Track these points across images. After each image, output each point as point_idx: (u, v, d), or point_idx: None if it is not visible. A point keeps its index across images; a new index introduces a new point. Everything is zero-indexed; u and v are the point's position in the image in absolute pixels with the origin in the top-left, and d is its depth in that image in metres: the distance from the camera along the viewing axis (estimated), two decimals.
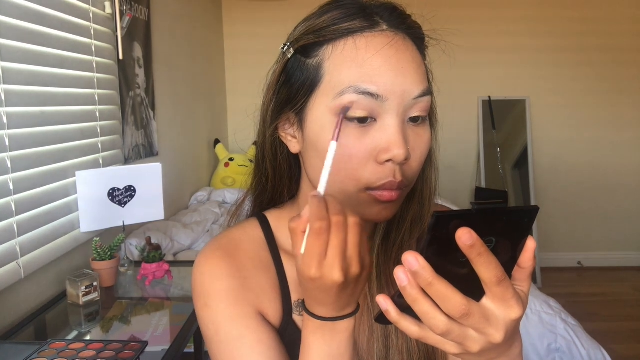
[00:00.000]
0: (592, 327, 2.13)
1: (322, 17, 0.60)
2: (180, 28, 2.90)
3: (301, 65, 0.61)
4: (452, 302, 0.42)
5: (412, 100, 0.57)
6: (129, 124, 2.09)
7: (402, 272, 0.43)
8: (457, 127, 3.84)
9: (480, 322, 0.43)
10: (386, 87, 0.56)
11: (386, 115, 0.57)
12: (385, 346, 0.65)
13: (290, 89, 0.62)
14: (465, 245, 0.40)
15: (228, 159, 3.34)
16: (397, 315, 0.46)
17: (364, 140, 0.57)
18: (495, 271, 0.41)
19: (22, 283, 1.38)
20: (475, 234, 0.40)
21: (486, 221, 0.41)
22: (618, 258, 3.96)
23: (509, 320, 0.44)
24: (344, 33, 0.58)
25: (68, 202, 1.60)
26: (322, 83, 0.59)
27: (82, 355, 1.09)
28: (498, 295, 0.43)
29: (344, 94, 0.56)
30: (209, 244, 0.70)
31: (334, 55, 0.58)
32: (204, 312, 0.66)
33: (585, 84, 3.88)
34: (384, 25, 0.59)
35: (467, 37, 3.71)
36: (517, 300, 0.43)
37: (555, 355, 1.86)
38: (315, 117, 0.60)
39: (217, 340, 0.64)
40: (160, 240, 2.07)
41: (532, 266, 0.45)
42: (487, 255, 0.41)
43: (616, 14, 3.82)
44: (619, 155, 3.93)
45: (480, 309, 0.43)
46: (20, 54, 1.38)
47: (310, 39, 0.60)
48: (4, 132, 1.31)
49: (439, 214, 0.40)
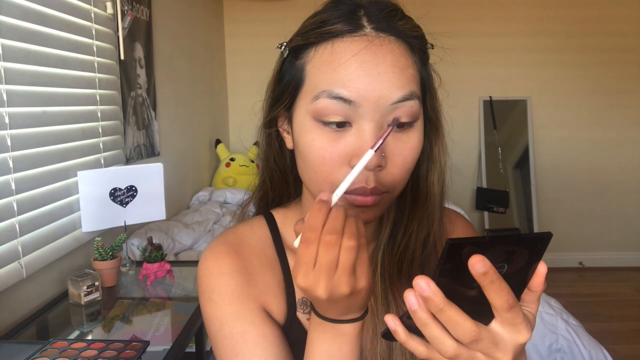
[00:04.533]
0: (593, 327, 2.13)
1: (313, 18, 0.61)
2: (181, 28, 2.90)
3: (291, 66, 0.62)
4: (462, 328, 0.42)
5: (391, 106, 0.56)
6: (130, 124, 2.10)
7: (412, 295, 0.43)
8: (458, 127, 3.83)
9: (489, 347, 0.43)
10: (359, 92, 0.55)
11: (361, 121, 0.56)
12: (388, 347, 0.65)
13: (281, 88, 0.63)
14: (478, 273, 0.40)
15: (229, 159, 3.34)
16: (405, 336, 0.46)
17: (338, 145, 0.57)
18: (507, 297, 0.41)
19: (24, 283, 1.39)
20: (488, 262, 0.40)
21: (499, 248, 0.41)
22: (619, 258, 3.96)
23: (517, 344, 0.44)
24: (326, 37, 0.58)
25: (70, 202, 1.60)
26: (304, 85, 0.60)
27: (83, 355, 1.10)
28: (508, 321, 0.43)
29: (318, 98, 0.57)
30: (215, 239, 0.70)
31: (315, 59, 0.59)
32: (208, 306, 0.66)
33: (587, 84, 3.87)
34: (367, 29, 0.57)
35: (468, 37, 3.71)
36: (526, 325, 0.43)
37: (557, 355, 1.86)
38: (298, 118, 0.61)
39: (221, 335, 0.64)
40: (162, 240, 2.07)
41: (541, 290, 0.45)
42: (499, 283, 0.41)
43: (617, 14, 3.81)
44: (620, 155, 3.93)
45: (489, 334, 0.43)
46: (22, 54, 1.38)
47: (299, 41, 0.61)
48: (6, 132, 1.31)
49: (453, 241, 0.40)
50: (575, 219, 3.97)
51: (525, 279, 0.45)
